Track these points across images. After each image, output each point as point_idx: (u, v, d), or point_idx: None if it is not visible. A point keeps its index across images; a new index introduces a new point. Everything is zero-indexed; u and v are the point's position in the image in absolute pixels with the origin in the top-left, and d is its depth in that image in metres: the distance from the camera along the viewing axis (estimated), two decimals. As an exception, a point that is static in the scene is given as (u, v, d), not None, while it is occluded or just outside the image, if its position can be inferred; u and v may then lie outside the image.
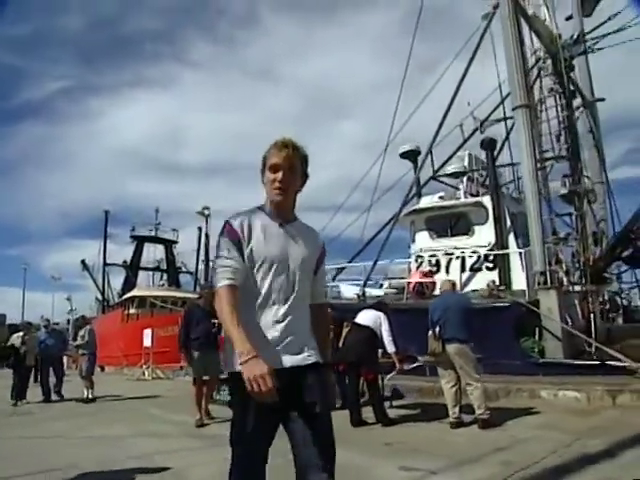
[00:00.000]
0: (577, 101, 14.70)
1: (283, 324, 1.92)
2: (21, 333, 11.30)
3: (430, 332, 5.95)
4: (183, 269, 37.14)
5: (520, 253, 11.22)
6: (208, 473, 4.04)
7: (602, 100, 16.16)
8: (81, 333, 11.38)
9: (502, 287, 10.49)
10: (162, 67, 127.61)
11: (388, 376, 7.03)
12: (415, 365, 7.75)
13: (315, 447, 1.85)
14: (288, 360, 1.89)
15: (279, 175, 1.99)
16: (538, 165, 11.21)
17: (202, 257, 35.28)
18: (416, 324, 6.46)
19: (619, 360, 7.89)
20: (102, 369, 23.93)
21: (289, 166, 2.00)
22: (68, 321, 41.55)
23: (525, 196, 9.91)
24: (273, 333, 1.90)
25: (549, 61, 13.07)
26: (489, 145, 12.47)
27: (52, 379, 11.03)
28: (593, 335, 9.03)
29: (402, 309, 9.58)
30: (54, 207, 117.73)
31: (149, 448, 5.18)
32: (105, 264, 35.86)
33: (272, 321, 1.92)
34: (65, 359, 14.17)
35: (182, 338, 7.15)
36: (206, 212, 34.85)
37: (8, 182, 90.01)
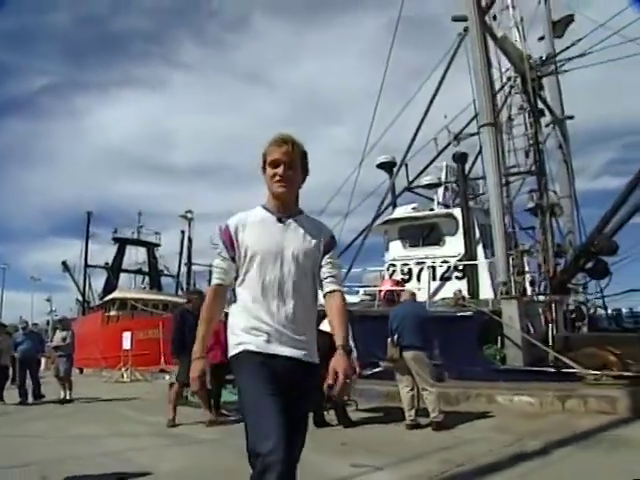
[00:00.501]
0: (548, 118, 15.37)
1: (278, 316, 2.02)
2: None
3: (389, 339, 6.37)
4: (165, 272, 37.24)
5: (487, 263, 11.75)
6: (173, 467, 4.42)
7: (571, 118, 16.83)
8: (62, 335, 11.51)
9: (469, 296, 10.96)
10: (151, 67, 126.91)
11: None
12: (377, 370, 8.14)
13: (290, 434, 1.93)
14: (285, 350, 2.02)
15: (279, 170, 2.07)
16: (505, 180, 11.77)
17: (185, 260, 35.54)
18: (383, 331, 6.84)
19: (571, 367, 8.37)
20: (81, 371, 23.99)
21: (289, 161, 2.08)
22: (48, 322, 41.39)
23: (490, 210, 10.39)
24: (266, 324, 2.01)
25: (519, 80, 13.65)
26: (460, 159, 12.98)
27: (28, 381, 11.15)
28: (550, 343, 9.50)
29: (371, 316, 10.00)
30: (37, 205, 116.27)
31: (121, 446, 5.54)
32: (86, 266, 35.89)
33: (266, 312, 2.01)
34: (43, 360, 14.31)
35: (176, 343, 7.18)
36: (189, 215, 35.11)
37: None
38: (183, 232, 34.35)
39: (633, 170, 10.80)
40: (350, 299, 13.50)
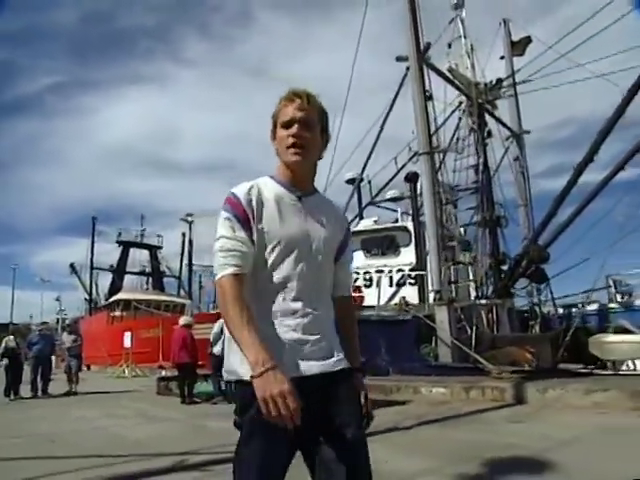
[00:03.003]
0: (497, 137, 17.01)
1: (306, 321, 1.58)
2: (12, 337, 12.84)
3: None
4: (167, 273, 39.29)
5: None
6: (142, 436, 6.25)
7: (528, 132, 18.56)
8: (73, 337, 13.56)
9: (419, 302, 12.74)
10: (156, 64, 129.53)
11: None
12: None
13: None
14: (315, 366, 1.55)
15: (293, 129, 1.63)
16: (448, 198, 13.53)
17: (186, 262, 37.59)
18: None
19: (482, 364, 10.10)
20: (88, 368, 26.03)
21: (305, 119, 1.64)
22: (57, 320, 43.64)
23: (427, 229, 12.05)
24: (295, 333, 1.56)
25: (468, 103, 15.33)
26: (412, 178, 14.67)
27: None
28: (474, 343, 11.22)
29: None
30: (45, 204, 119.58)
31: (109, 423, 7.45)
32: (92, 268, 38.04)
33: (293, 318, 1.57)
34: (54, 359, 16.16)
35: None
36: (189, 219, 37.06)
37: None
38: (184, 234, 36.26)
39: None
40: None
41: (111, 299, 32.23)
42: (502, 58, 18.70)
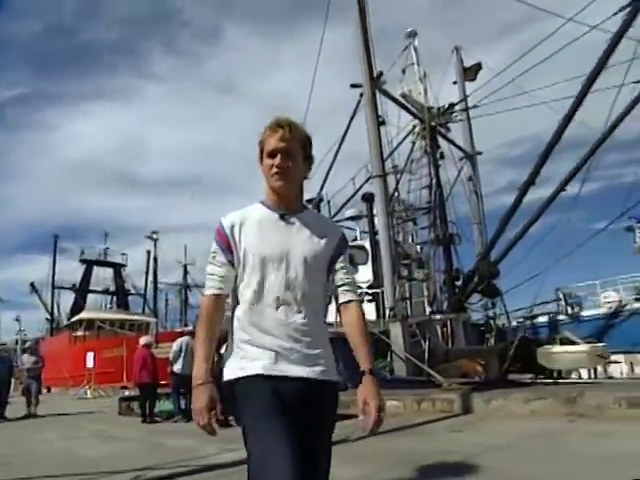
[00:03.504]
0: (450, 158, 17.80)
1: (289, 330, 1.72)
2: None
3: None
4: (132, 291, 38.93)
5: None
6: (99, 454, 6.44)
7: (480, 154, 19.43)
8: (34, 359, 13.39)
9: (372, 318, 13.19)
10: (122, 79, 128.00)
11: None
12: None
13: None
14: (296, 370, 1.70)
15: (276, 160, 1.79)
16: (408, 215, 14.11)
17: (151, 279, 37.43)
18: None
19: (434, 376, 10.60)
20: (48, 390, 25.55)
21: (286, 150, 1.80)
22: (16, 341, 42.58)
23: (381, 249, 12.57)
24: (278, 341, 1.71)
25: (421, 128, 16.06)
26: (369, 198, 15.24)
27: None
28: (427, 357, 11.72)
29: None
30: (4, 220, 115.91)
31: (67, 444, 7.60)
32: (54, 287, 37.39)
33: (272, 325, 1.72)
34: (12, 381, 15.94)
35: None
36: (154, 236, 36.98)
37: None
38: (149, 252, 36.11)
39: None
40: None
41: (73, 319, 31.79)
42: (455, 83, 19.61)
